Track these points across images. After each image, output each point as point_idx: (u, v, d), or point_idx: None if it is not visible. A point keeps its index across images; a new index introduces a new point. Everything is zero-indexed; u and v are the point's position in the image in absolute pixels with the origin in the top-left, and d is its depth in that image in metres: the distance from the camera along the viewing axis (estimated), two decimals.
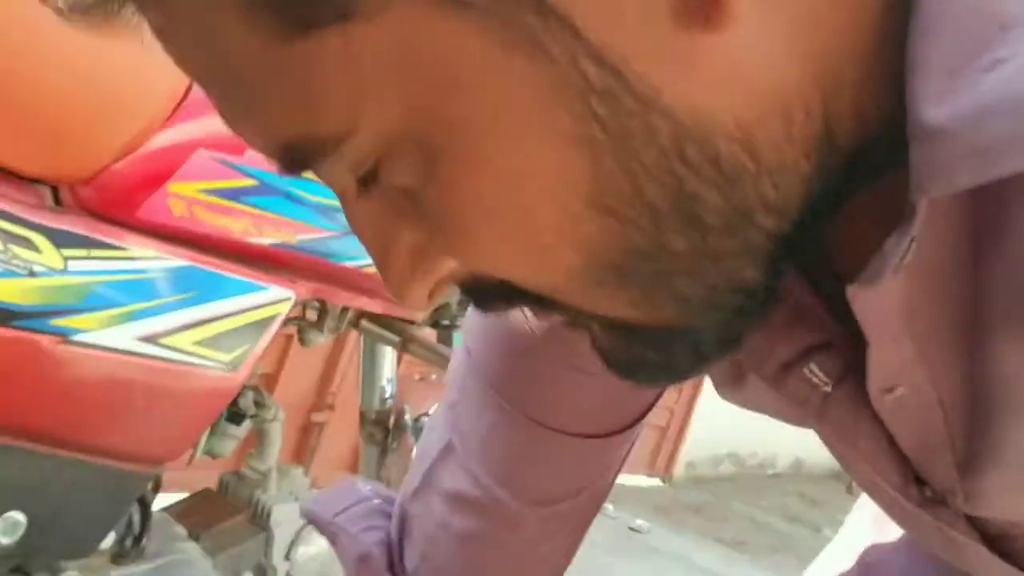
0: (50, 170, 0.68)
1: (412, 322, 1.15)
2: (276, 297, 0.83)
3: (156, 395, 0.73)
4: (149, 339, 0.71)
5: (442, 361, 1.20)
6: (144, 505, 0.90)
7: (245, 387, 1.01)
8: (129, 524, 0.86)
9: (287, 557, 1.04)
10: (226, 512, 1.02)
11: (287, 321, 1.03)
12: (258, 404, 1.02)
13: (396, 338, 1.22)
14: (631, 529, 2.72)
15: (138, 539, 0.86)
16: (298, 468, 1.13)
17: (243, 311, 0.80)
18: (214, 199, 0.76)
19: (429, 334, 1.32)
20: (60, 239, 0.64)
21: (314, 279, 0.89)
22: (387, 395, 1.35)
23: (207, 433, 0.96)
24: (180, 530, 0.96)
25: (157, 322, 0.71)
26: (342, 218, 0.90)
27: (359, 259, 0.92)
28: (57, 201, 0.67)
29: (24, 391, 0.64)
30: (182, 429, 0.78)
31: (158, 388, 0.73)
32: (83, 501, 0.72)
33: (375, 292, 0.97)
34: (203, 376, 0.76)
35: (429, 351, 1.21)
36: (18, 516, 0.68)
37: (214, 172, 0.76)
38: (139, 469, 0.76)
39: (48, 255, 0.63)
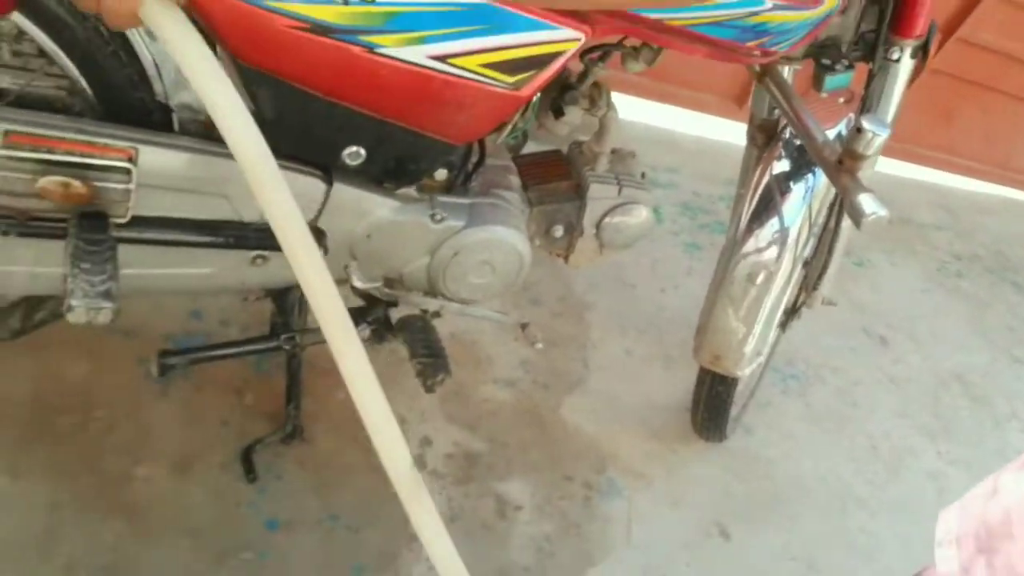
0: None
1: None
2: (565, 36, 0.96)
3: (445, 98, 0.97)
4: (439, 58, 0.93)
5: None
6: (482, 146, 1.19)
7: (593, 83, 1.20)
8: (465, 163, 1.17)
9: (597, 225, 1.30)
10: (560, 175, 1.28)
11: (612, 47, 1.14)
12: (593, 100, 1.19)
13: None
14: None
15: (467, 177, 1.18)
16: (632, 155, 1.30)
17: (529, 44, 0.96)
18: None
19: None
20: None
21: (613, 25, 0.98)
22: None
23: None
24: (516, 179, 1.26)
25: (447, 46, 0.93)
26: None
27: (665, 12, 0.98)
28: None
29: (347, 84, 0.94)
30: (469, 125, 1.02)
31: (447, 94, 0.97)
32: (402, 148, 1.04)
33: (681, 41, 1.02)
34: (487, 90, 0.97)
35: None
36: (360, 149, 1.03)
37: None
38: (442, 140, 1.04)
39: None
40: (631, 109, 2.59)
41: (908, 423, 2.13)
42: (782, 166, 1.38)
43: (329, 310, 0.75)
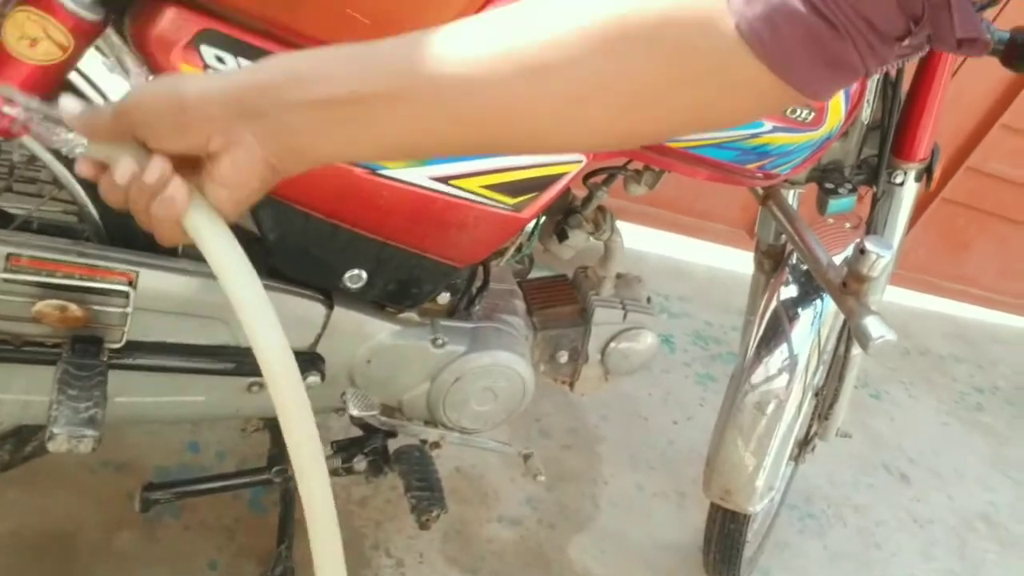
0: None
1: None
2: (567, 159, 0.97)
3: (447, 219, 0.97)
4: (441, 179, 0.93)
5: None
6: (486, 270, 1.18)
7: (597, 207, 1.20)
8: (469, 287, 1.16)
9: (602, 351, 1.27)
10: (565, 299, 1.27)
11: (617, 171, 1.15)
12: (597, 224, 1.19)
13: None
14: None
15: (471, 301, 1.16)
16: (638, 280, 1.29)
17: (531, 167, 0.96)
18: None
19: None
20: None
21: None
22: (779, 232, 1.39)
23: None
24: (520, 303, 1.24)
25: (449, 167, 0.93)
26: None
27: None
28: None
29: (349, 205, 0.94)
30: (471, 247, 1.01)
31: (449, 215, 0.96)
32: (404, 270, 1.03)
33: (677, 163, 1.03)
34: (489, 212, 0.97)
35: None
36: (361, 272, 1.02)
37: None
38: (443, 262, 1.03)
39: None
40: (643, 239, 2.62)
41: (934, 567, 2.01)
42: (789, 292, 1.36)
43: (299, 436, 0.63)
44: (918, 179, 1.25)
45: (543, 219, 1.19)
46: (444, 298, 1.12)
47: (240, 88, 0.52)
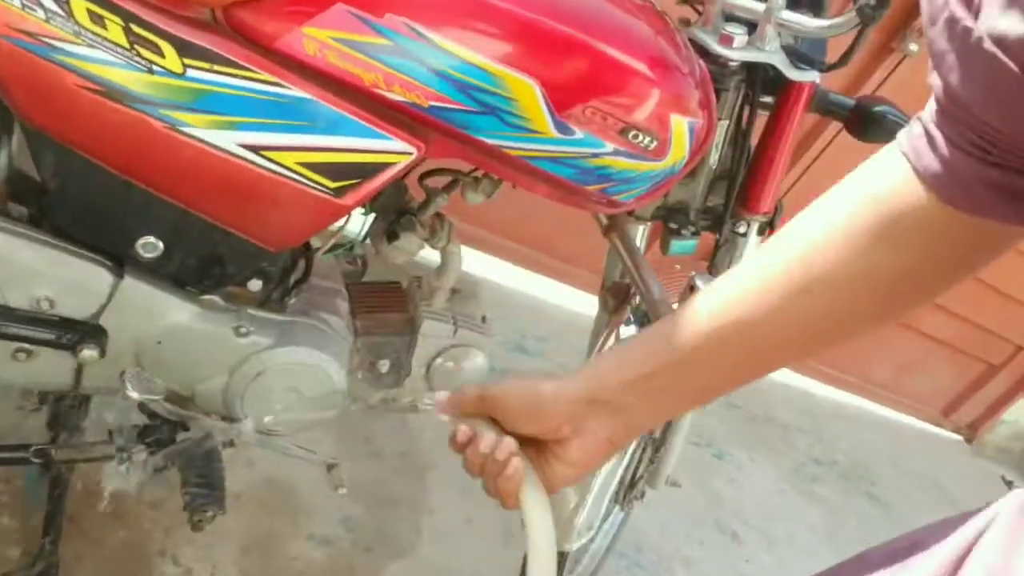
0: None
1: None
2: (396, 148, 0.91)
3: (256, 194, 0.89)
4: (251, 147, 0.86)
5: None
6: (308, 263, 1.11)
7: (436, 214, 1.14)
8: (285, 277, 1.08)
9: (427, 366, 1.20)
10: (394, 307, 1.20)
11: (455, 175, 1.11)
12: (433, 230, 1.14)
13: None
14: None
15: (286, 293, 1.08)
16: (475, 297, 1.24)
17: (355, 150, 0.90)
18: (346, 49, 0.84)
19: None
20: (186, 49, 0.80)
21: (449, 145, 0.94)
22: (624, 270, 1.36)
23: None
24: (344, 304, 1.17)
25: (262, 136, 0.86)
26: (480, 95, 0.95)
27: (501, 139, 0.94)
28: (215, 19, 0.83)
29: (144, 162, 0.86)
30: (284, 229, 0.94)
31: (258, 189, 0.89)
32: (206, 245, 0.95)
33: (523, 175, 0.99)
34: (305, 192, 0.90)
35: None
36: (157, 240, 0.93)
37: (349, 25, 0.85)
38: (252, 243, 0.95)
39: (170, 60, 0.80)
40: (509, 276, 2.59)
41: None
42: (629, 331, 1.33)
43: None
44: (760, 232, 1.26)
45: (372, 218, 1.13)
46: (255, 285, 1.04)
47: (586, 387, 0.63)
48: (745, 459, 2.64)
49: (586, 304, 2.70)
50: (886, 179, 0.54)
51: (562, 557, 1.44)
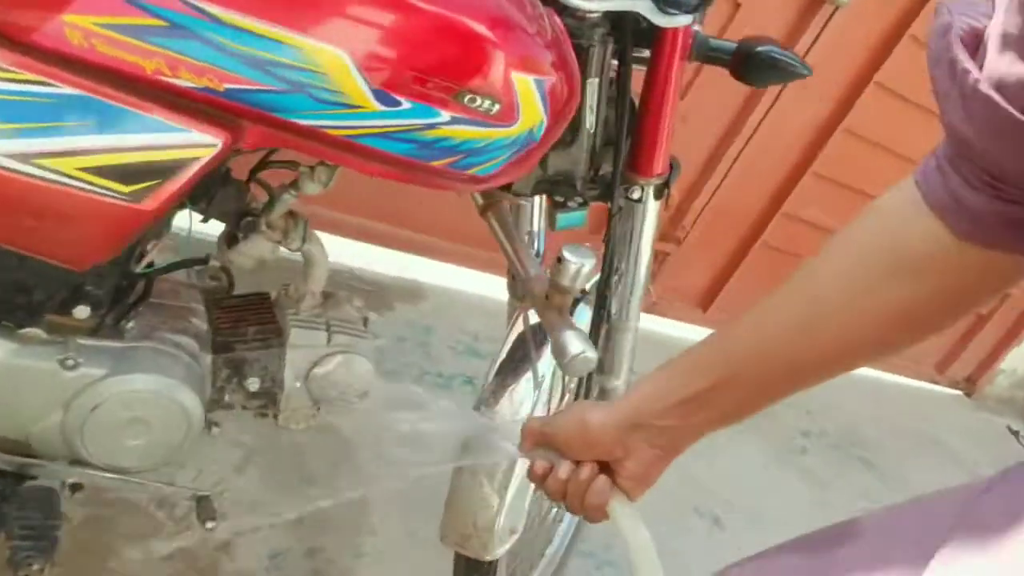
0: None
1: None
2: (196, 141, 0.81)
3: (37, 208, 0.79)
4: (19, 157, 0.76)
5: None
6: (149, 282, 1.01)
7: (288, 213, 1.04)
8: (118, 301, 0.98)
9: (305, 378, 1.10)
10: (259, 320, 1.10)
11: (289, 165, 1.01)
12: (286, 232, 1.04)
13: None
14: None
15: (121, 317, 0.99)
16: (350, 299, 1.14)
17: (146, 148, 0.80)
18: (116, 35, 0.75)
19: None
20: None
21: (262, 132, 0.85)
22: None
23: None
24: (199, 323, 1.07)
25: (29, 143, 0.76)
26: (281, 72, 0.84)
27: (317, 119, 0.84)
28: None
29: None
30: (82, 244, 0.84)
31: (39, 203, 0.79)
32: (1, 274, 0.85)
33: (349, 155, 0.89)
34: (95, 201, 0.80)
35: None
36: None
37: (115, 8, 0.75)
38: (53, 264, 0.85)
39: None
40: (455, 276, 2.50)
41: None
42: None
43: None
44: (657, 196, 1.16)
45: (197, 224, 1.03)
46: (82, 312, 0.94)
47: (626, 414, 0.71)
48: (722, 438, 2.53)
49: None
50: (899, 212, 0.56)
51: (491, 566, 1.34)
